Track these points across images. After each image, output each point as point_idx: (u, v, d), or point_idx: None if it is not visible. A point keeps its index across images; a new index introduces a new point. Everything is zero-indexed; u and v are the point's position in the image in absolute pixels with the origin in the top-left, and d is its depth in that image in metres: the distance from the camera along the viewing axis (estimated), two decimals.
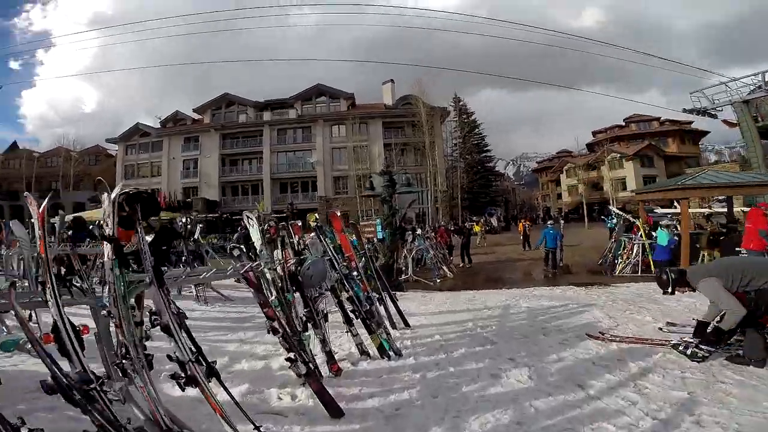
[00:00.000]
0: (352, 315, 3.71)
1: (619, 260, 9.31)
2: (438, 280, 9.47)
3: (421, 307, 6.16)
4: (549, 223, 12.33)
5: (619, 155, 37.33)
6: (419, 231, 11.27)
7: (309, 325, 3.25)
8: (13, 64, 57.91)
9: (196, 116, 34.67)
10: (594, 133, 44.67)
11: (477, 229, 18.32)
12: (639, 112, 39.16)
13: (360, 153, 31.08)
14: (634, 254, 8.96)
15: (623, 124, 42.87)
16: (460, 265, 11.95)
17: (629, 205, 29.27)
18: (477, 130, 39.07)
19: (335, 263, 3.78)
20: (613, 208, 13.74)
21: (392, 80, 34.80)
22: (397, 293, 7.02)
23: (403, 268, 10.05)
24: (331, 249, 3.94)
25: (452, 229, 17.62)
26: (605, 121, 47.49)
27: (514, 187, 60.30)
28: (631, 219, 10.51)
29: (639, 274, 8.50)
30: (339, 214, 4.69)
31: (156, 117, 35.52)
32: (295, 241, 3.63)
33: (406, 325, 4.87)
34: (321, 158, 32.77)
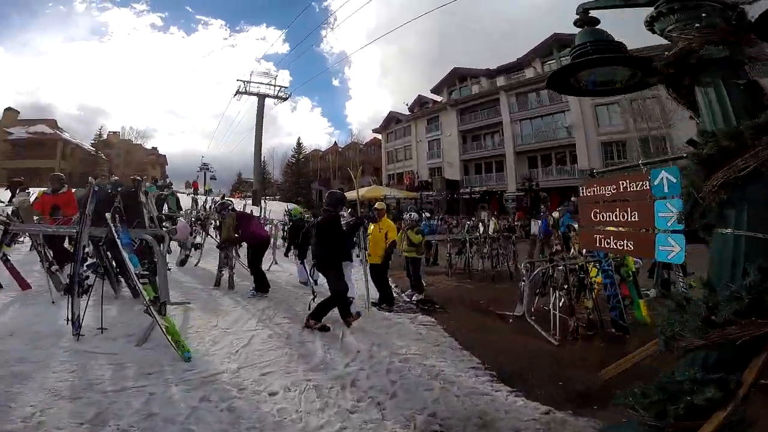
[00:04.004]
0: None
1: None
2: None
3: None
4: None
5: None
6: None
7: None
8: (335, 82, 79.55)
9: (436, 97, 34.47)
10: None
11: None
12: None
13: (643, 106, 20.90)
14: None
15: None
16: None
17: None
18: None
19: None
20: None
21: None
22: None
23: None
24: None
25: None
26: None
27: None
28: None
29: None
30: None
31: (404, 103, 38.09)
32: None
33: None
34: (579, 120, 24.72)
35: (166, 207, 10.77)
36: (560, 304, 5.24)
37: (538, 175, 26.52)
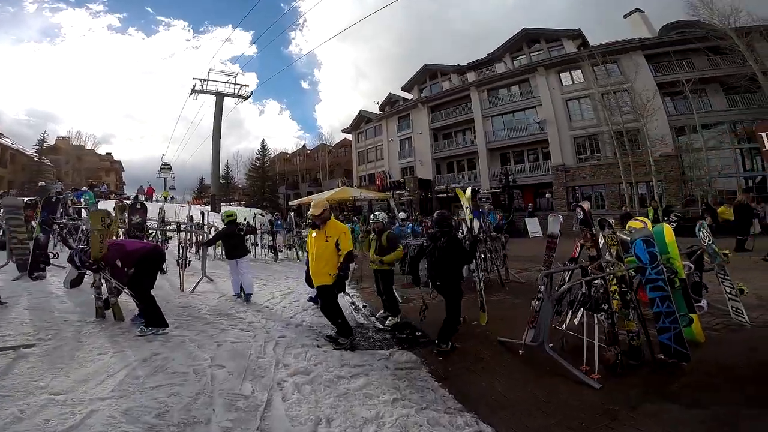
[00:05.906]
0: None
1: None
2: None
3: None
4: None
5: None
6: None
7: None
8: (304, 84, 76.99)
9: (407, 95, 33.35)
10: None
11: None
12: None
13: (614, 100, 20.70)
14: None
15: None
16: None
17: None
18: None
19: None
20: None
21: (639, 9, 23.55)
22: None
23: None
24: None
25: None
26: None
27: None
28: None
29: None
30: None
31: (375, 102, 36.76)
32: None
33: None
34: (552, 116, 24.22)
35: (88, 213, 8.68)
36: (576, 322, 3.92)
37: (511, 171, 25.85)
